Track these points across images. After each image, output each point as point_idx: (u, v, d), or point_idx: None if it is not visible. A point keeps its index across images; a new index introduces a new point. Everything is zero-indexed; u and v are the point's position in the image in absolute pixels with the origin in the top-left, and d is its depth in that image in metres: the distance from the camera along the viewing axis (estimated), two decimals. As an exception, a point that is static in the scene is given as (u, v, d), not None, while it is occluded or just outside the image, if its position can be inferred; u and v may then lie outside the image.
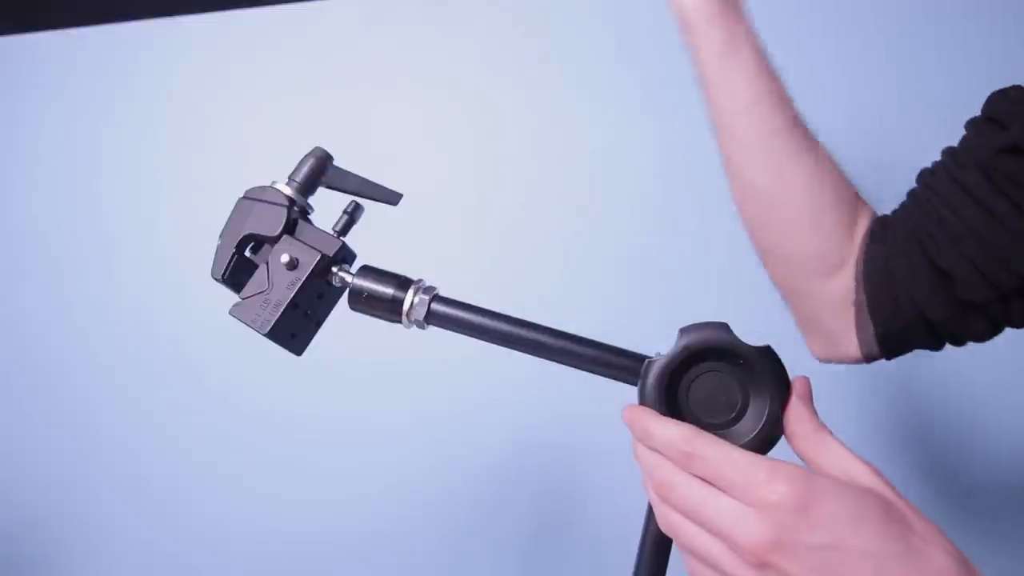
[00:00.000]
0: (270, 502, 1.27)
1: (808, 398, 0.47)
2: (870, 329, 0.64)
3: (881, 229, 0.65)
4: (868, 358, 0.66)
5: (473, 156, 1.27)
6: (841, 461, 0.43)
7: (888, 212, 0.67)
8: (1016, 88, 0.60)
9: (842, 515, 0.40)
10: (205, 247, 0.61)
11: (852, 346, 0.66)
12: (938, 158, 0.65)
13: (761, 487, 0.41)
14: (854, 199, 0.66)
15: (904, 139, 1.16)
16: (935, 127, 1.13)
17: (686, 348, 0.47)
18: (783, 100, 0.65)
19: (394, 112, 1.28)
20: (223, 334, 1.25)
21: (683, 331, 0.48)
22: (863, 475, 0.42)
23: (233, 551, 1.28)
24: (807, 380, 0.48)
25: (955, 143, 0.64)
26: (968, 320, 0.61)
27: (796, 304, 0.69)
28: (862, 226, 0.66)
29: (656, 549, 0.51)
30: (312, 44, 1.30)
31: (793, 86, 1.25)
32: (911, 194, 0.65)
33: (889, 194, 1.21)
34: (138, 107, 1.32)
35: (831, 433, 0.45)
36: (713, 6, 0.63)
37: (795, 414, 0.46)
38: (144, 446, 1.30)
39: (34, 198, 1.34)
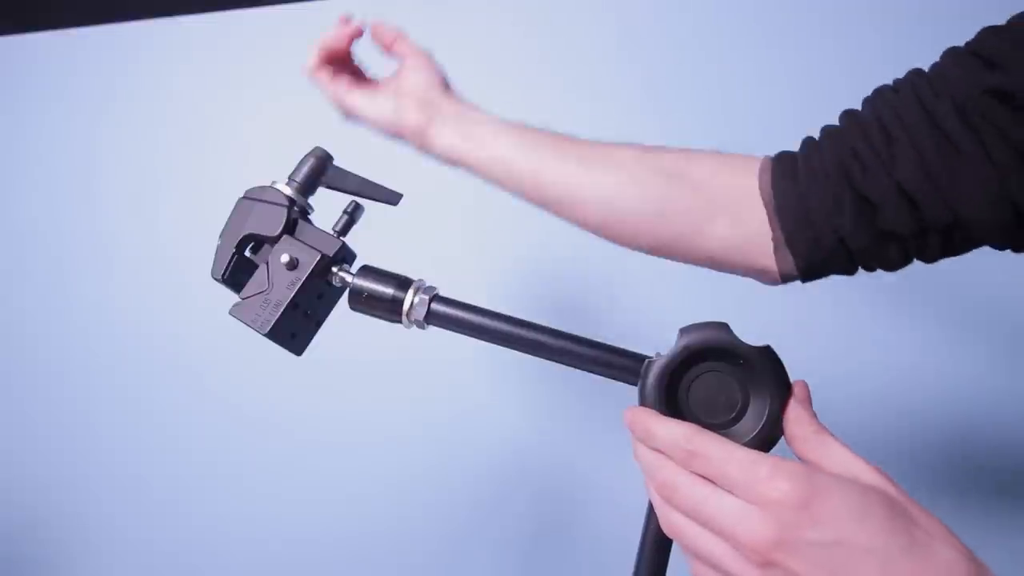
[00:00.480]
0: (270, 502, 1.27)
1: (807, 402, 0.47)
2: (791, 260, 0.65)
3: (789, 165, 0.65)
4: (786, 281, 0.68)
5: (473, 156, 1.27)
6: (843, 461, 0.43)
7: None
8: (1010, 28, 0.58)
9: (845, 511, 0.40)
10: (205, 247, 0.61)
11: (775, 275, 0.67)
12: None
13: (763, 484, 0.41)
14: (681, 161, 0.68)
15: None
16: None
17: (686, 348, 0.48)
18: (556, 148, 0.74)
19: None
20: (223, 334, 1.25)
21: (683, 331, 0.48)
22: (865, 473, 0.42)
23: (233, 551, 1.28)
24: (805, 384, 0.48)
25: None
26: (885, 250, 0.61)
27: (719, 266, 0.71)
28: (721, 172, 0.67)
29: (656, 549, 0.51)
30: (312, 44, 1.30)
31: (793, 86, 1.26)
32: (848, 114, 0.64)
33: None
34: (138, 107, 1.32)
35: (832, 434, 0.45)
36: (457, 139, 0.74)
37: (794, 417, 0.46)
38: (144, 446, 1.30)
39: (34, 198, 1.34)
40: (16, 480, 1.32)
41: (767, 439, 0.47)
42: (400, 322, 0.57)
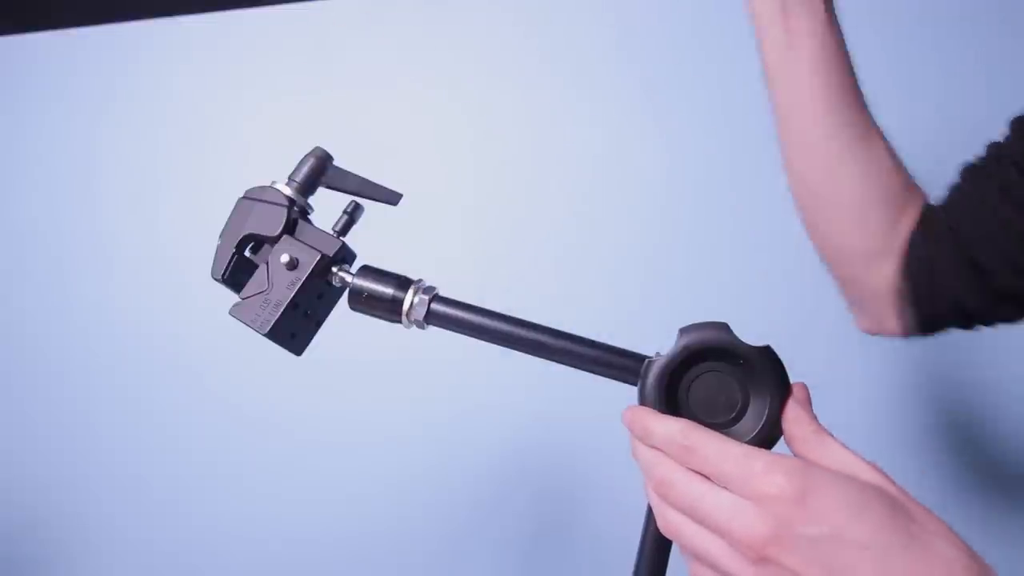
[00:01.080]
0: (270, 502, 1.27)
1: (807, 402, 0.47)
2: (910, 313, 0.66)
3: (925, 221, 0.67)
4: (906, 335, 0.69)
5: (473, 156, 1.27)
6: (842, 460, 0.43)
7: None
8: None
9: (842, 506, 0.39)
10: (205, 247, 0.61)
11: (893, 325, 0.68)
12: (935, 160, 0.67)
13: (758, 479, 0.41)
14: (903, 191, 0.68)
15: (903, 139, 1.16)
16: (934, 127, 1.14)
17: (686, 348, 0.48)
18: (842, 98, 0.66)
19: (394, 112, 1.28)
20: (223, 334, 1.25)
21: (683, 331, 0.48)
22: (865, 472, 0.42)
23: (233, 551, 1.28)
24: (804, 386, 0.48)
25: (954, 143, 0.66)
26: (1001, 307, 0.64)
27: (844, 287, 0.72)
28: (909, 218, 0.68)
29: (656, 549, 0.51)
30: (312, 44, 1.30)
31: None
32: (951, 188, 0.67)
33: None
34: (138, 107, 1.32)
35: (830, 434, 0.45)
36: (776, 3, 0.66)
37: (793, 417, 0.46)
38: (144, 446, 1.29)
39: (34, 198, 1.34)
40: (16, 480, 1.32)
41: (767, 439, 0.47)
42: (400, 322, 0.57)
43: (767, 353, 0.47)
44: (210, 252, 0.60)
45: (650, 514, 0.50)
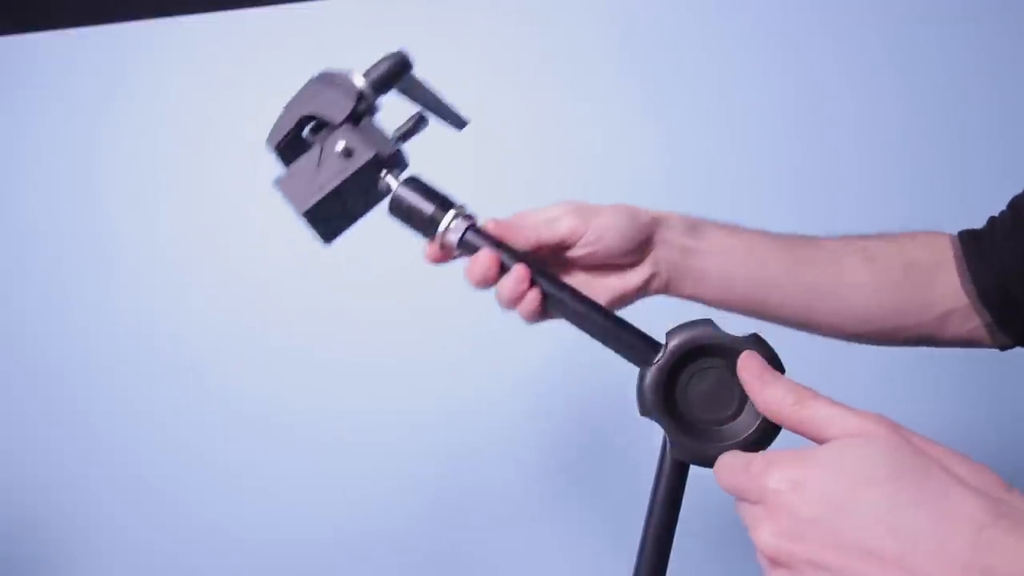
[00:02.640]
0: (270, 502, 1.27)
1: (763, 374, 0.44)
2: (1005, 337, 0.67)
3: (975, 244, 0.67)
4: (1006, 349, 0.70)
5: (473, 156, 1.27)
6: (838, 424, 0.41)
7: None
8: None
9: (838, 482, 0.38)
10: (205, 247, 0.61)
11: (988, 343, 0.68)
12: (936, 160, 0.67)
13: (758, 482, 0.40)
14: (901, 253, 0.69)
15: (903, 140, 1.16)
16: (935, 128, 1.14)
17: (675, 350, 0.47)
18: (774, 260, 0.70)
19: (394, 112, 1.28)
20: (223, 334, 1.25)
21: (669, 334, 0.48)
22: (862, 428, 0.40)
23: (233, 551, 1.28)
24: (753, 355, 0.45)
25: (953, 145, 0.66)
26: None
27: (938, 339, 0.71)
28: (932, 254, 0.68)
29: (656, 548, 0.51)
30: (312, 44, 1.30)
31: (793, 87, 1.26)
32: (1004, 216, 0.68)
33: (888, 195, 1.21)
34: (138, 107, 1.32)
35: (813, 395, 0.42)
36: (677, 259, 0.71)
37: (765, 402, 0.43)
38: (144, 446, 1.29)
39: (34, 198, 1.34)
40: (16, 480, 1.32)
41: (771, 427, 0.46)
42: (432, 238, 0.57)
43: (755, 341, 0.47)
44: (210, 253, 0.60)
45: (651, 512, 0.50)
